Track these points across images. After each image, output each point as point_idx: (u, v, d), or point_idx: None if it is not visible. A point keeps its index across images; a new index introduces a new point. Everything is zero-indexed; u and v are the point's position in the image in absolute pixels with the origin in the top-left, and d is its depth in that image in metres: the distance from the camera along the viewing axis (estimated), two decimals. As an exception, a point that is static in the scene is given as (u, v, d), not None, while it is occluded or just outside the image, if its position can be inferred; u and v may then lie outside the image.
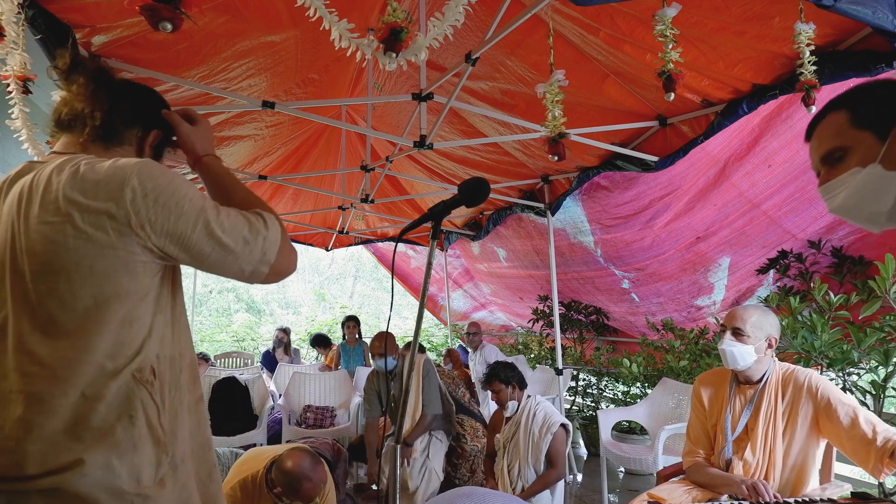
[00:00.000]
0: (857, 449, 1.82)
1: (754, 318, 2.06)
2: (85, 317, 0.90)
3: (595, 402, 5.92)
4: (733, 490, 1.92)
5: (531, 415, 3.00)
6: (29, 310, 0.89)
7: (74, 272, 0.89)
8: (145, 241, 0.93)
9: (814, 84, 2.18)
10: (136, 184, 0.92)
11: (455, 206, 1.17)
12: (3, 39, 1.73)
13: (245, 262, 1.01)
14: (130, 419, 0.92)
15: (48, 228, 0.89)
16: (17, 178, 0.97)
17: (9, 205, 0.94)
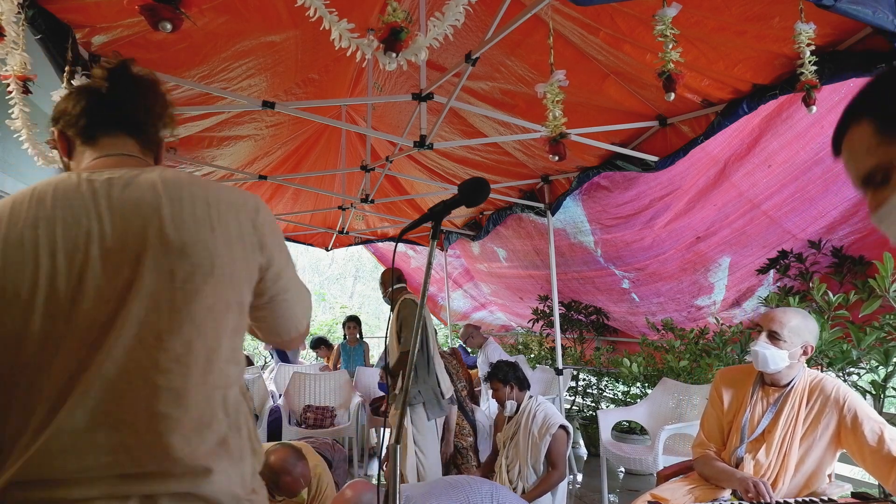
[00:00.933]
0: (878, 465, 1.79)
1: (794, 322, 2.00)
2: (215, 320, 0.93)
3: (595, 402, 5.92)
4: (736, 486, 1.92)
5: (531, 415, 2.99)
6: (169, 306, 0.89)
7: (220, 276, 0.93)
8: (263, 263, 1.01)
9: (814, 84, 2.18)
10: (266, 212, 1.04)
11: (455, 206, 1.16)
12: (3, 39, 1.73)
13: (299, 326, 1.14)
14: (238, 430, 0.95)
15: (205, 233, 0.93)
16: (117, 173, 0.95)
17: (141, 200, 0.92)
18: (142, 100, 1.03)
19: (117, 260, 0.88)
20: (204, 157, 4.26)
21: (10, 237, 0.86)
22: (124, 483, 0.85)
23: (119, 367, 0.86)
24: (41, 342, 0.85)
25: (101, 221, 0.89)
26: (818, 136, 2.95)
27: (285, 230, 7.21)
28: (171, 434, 0.87)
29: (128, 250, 0.88)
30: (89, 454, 0.84)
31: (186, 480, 0.87)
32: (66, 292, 0.86)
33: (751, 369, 2.16)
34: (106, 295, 0.87)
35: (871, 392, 2.76)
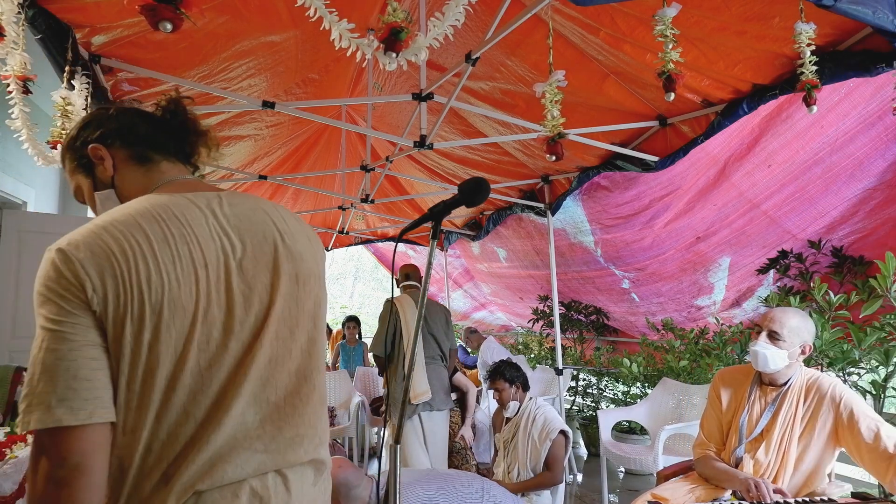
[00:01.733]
0: (875, 462, 1.80)
1: (793, 322, 2.01)
2: (320, 315, 1.12)
3: (595, 402, 5.92)
4: (737, 486, 1.92)
5: (531, 419, 2.97)
6: (296, 304, 1.05)
7: (319, 277, 1.13)
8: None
9: (814, 84, 2.18)
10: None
11: (455, 206, 1.16)
12: (3, 39, 1.73)
13: None
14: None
15: (306, 242, 1.11)
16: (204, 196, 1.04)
17: (252, 215, 1.05)
18: (193, 132, 1.20)
19: (254, 269, 1.00)
20: (204, 157, 4.25)
21: (161, 250, 0.90)
22: (269, 457, 0.98)
23: (267, 357, 0.99)
24: (202, 347, 0.93)
25: (230, 237, 0.99)
26: (818, 136, 2.95)
27: (285, 230, 7.21)
28: (305, 407, 1.04)
29: (263, 259, 1.01)
30: (244, 438, 0.96)
31: (314, 448, 1.05)
32: (218, 299, 0.95)
33: (749, 369, 2.16)
34: (252, 300, 0.99)
35: (871, 392, 2.76)
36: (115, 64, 2.63)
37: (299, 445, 1.02)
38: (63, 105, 2.17)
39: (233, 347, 0.96)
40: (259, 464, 0.96)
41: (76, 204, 5.73)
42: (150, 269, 0.88)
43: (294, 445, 1.01)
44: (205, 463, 0.91)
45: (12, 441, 2.54)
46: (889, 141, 2.81)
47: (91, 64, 2.53)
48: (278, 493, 0.97)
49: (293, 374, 1.03)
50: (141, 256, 0.87)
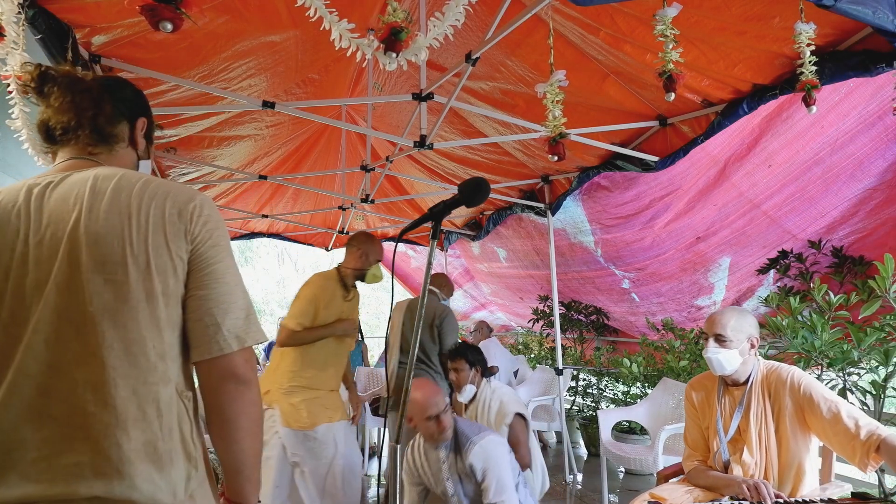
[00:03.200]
0: (842, 443, 1.83)
1: (733, 321, 2.06)
2: (133, 310, 0.95)
3: (595, 402, 5.92)
4: (735, 491, 1.92)
5: (486, 405, 2.93)
6: (82, 298, 0.92)
7: (135, 266, 0.96)
8: (191, 252, 1.03)
9: (814, 84, 2.18)
10: (201, 202, 1.03)
11: (455, 206, 1.16)
12: (3, 39, 1.73)
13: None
14: (169, 432, 0.94)
15: (120, 222, 0.95)
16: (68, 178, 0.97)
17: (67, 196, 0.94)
18: (62, 100, 1.02)
19: (38, 255, 0.90)
20: (204, 157, 4.25)
21: None
22: (44, 484, 0.84)
23: (41, 361, 0.87)
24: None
25: (28, 220, 0.92)
26: (818, 136, 2.94)
27: (285, 230, 7.21)
28: (90, 429, 0.86)
29: (49, 245, 0.90)
30: (15, 451, 0.84)
31: (100, 483, 0.85)
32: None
33: (714, 375, 2.19)
34: (28, 289, 0.89)
35: (871, 392, 2.76)
36: (116, 64, 2.63)
37: (79, 477, 0.85)
38: (63, 105, 2.17)
39: (6, 345, 0.87)
40: (24, 495, 0.82)
41: (76, 204, 5.72)
42: None
43: (74, 476, 0.84)
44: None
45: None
46: (889, 141, 2.81)
47: (91, 64, 2.53)
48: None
49: (77, 384, 0.87)
50: None
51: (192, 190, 1.02)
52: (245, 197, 5.89)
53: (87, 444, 0.86)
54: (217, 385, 0.97)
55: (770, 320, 3.02)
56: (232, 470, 1.01)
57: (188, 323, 0.97)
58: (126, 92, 1.13)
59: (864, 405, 2.81)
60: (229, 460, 1.00)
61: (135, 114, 1.13)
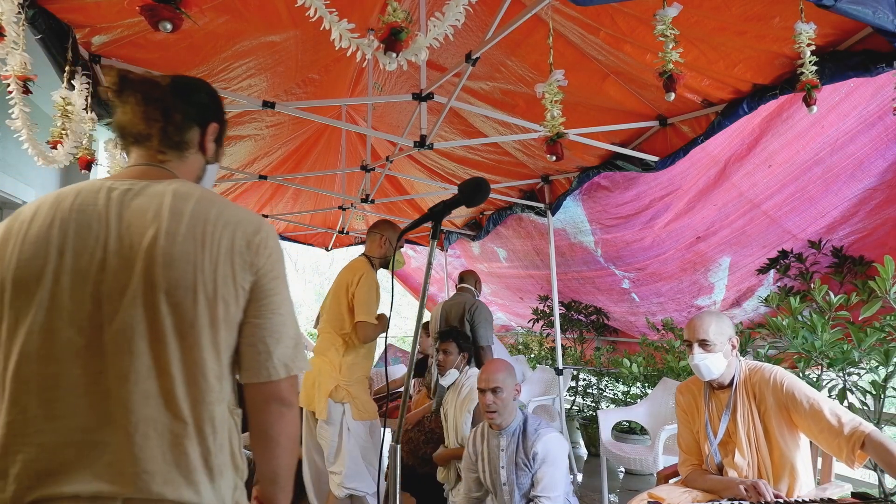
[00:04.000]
0: (828, 440, 1.84)
1: (713, 325, 2.07)
2: (198, 335, 1.00)
3: (595, 402, 5.92)
4: (734, 492, 1.92)
5: (458, 390, 2.94)
6: (154, 317, 0.96)
7: (203, 291, 1.01)
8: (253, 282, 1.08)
9: (815, 84, 2.17)
10: (266, 233, 1.10)
11: (455, 206, 1.17)
12: (3, 39, 1.73)
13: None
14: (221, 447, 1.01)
15: (194, 248, 1.00)
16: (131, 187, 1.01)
17: (146, 210, 0.98)
18: (130, 106, 1.05)
19: (116, 264, 0.94)
20: (204, 157, 4.25)
21: (30, 233, 0.94)
22: (117, 486, 0.90)
23: (118, 369, 0.92)
24: (40, 333, 0.92)
25: (108, 227, 0.95)
26: (818, 136, 2.94)
27: (285, 230, 7.21)
28: (159, 439, 0.92)
29: (127, 256, 0.94)
30: (93, 451, 0.90)
31: (169, 488, 0.91)
32: (70, 290, 0.92)
33: (699, 379, 2.19)
34: (104, 297, 0.93)
35: (871, 392, 2.76)
36: (116, 64, 2.63)
37: (149, 483, 0.90)
38: (63, 105, 2.18)
39: (78, 345, 0.92)
40: (97, 492, 0.89)
41: (76, 204, 5.72)
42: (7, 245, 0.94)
43: (145, 482, 0.90)
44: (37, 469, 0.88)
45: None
46: (889, 141, 2.81)
47: (91, 64, 2.53)
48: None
49: (143, 395, 0.92)
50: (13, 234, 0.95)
51: (259, 219, 1.07)
52: (245, 197, 5.89)
53: (151, 452, 0.91)
54: (262, 406, 1.04)
55: (770, 320, 3.02)
56: (269, 480, 1.09)
57: (242, 346, 1.03)
58: (200, 96, 1.14)
59: (864, 405, 2.81)
60: (268, 472, 1.08)
61: (206, 119, 1.14)
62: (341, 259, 19.49)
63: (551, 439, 2.29)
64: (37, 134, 2.22)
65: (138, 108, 1.06)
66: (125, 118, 1.06)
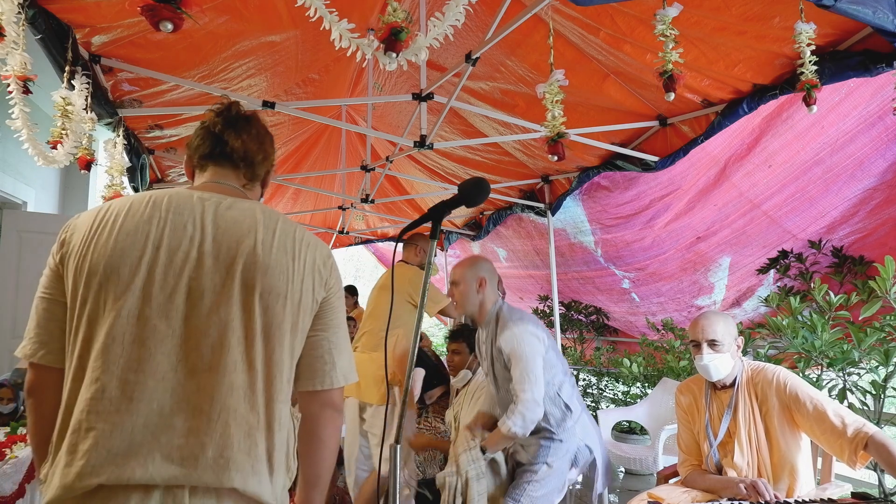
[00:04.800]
0: (830, 441, 1.84)
1: (721, 325, 2.06)
2: (281, 337, 1.08)
3: (595, 402, 5.92)
4: (733, 492, 1.92)
5: (472, 395, 2.90)
6: (247, 317, 1.04)
7: (291, 299, 1.11)
8: (325, 297, 1.20)
9: (814, 84, 2.17)
10: (333, 257, 1.22)
11: (455, 206, 1.17)
12: (3, 39, 1.73)
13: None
14: (282, 445, 1.08)
15: (287, 260, 1.11)
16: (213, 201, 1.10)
17: (241, 220, 1.08)
18: (241, 138, 1.19)
19: (213, 265, 1.02)
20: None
21: (125, 226, 1.01)
22: (187, 469, 0.94)
23: (205, 360, 0.98)
24: (128, 318, 0.97)
25: (204, 231, 1.04)
26: (818, 136, 2.95)
27: (285, 230, 7.21)
28: (236, 428, 0.98)
29: (224, 260, 1.03)
30: (164, 435, 0.95)
31: (239, 476, 0.97)
32: (162, 282, 1.00)
33: (700, 377, 2.19)
34: (197, 292, 1.01)
35: (871, 392, 2.76)
36: (115, 64, 2.63)
37: (224, 469, 0.95)
38: (63, 105, 2.17)
39: (164, 333, 0.98)
40: (171, 478, 0.92)
41: (76, 204, 5.74)
42: (95, 238, 1.01)
43: (216, 467, 0.95)
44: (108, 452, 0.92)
45: (12, 441, 2.54)
46: (889, 141, 2.81)
47: (91, 64, 2.53)
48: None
49: (226, 387, 0.98)
50: (105, 227, 1.02)
51: (326, 245, 1.21)
52: (245, 197, 5.88)
53: (230, 440, 0.97)
54: (319, 411, 1.15)
55: (770, 320, 3.02)
56: (310, 482, 1.16)
57: (306, 357, 1.12)
58: (272, 141, 1.29)
59: (864, 405, 2.81)
60: (311, 473, 1.16)
61: (272, 162, 1.29)
62: (341, 259, 19.49)
63: (512, 336, 2.24)
64: (37, 134, 2.21)
65: (261, 139, 1.22)
66: (237, 143, 1.18)
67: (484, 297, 2.40)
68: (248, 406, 0.99)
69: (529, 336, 2.24)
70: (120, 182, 2.96)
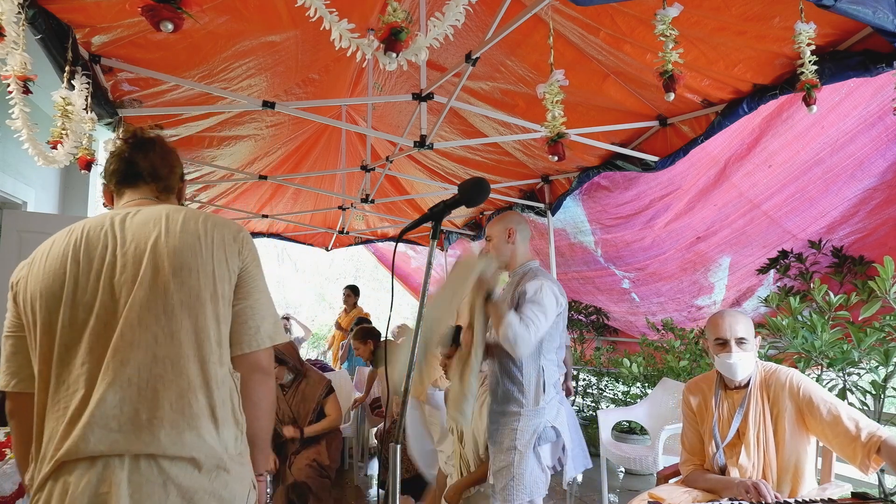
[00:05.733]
0: (843, 445, 1.83)
1: (746, 322, 2.03)
2: (201, 306, 1.22)
3: (595, 402, 5.92)
4: (734, 493, 1.92)
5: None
6: (164, 293, 1.18)
7: (202, 272, 1.24)
8: (241, 266, 1.34)
9: (814, 84, 2.17)
10: (246, 233, 1.35)
11: (455, 206, 1.17)
12: (3, 39, 1.73)
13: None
14: (223, 401, 1.21)
15: (193, 241, 1.24)
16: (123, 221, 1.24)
17: (147, 220, 1.23)
18: (148, 158, 1.34)
19: (125, 261, 1.17)
20: (204, 157, 4.26)
21: (52, 253, 1.20)
22: (123, 437, 1.09)
23: (127, 341, 1.12)
24: (68, 326, 1.13)
25: (115, 237, 1.19)
26: (818, 136, 2.95)
27: (285, 230, 7.22)
28: (166, 392, 1.12)
29: (134, 255, 1.18)
30: (107, 417, 1.08)
31: (174, 432, 1.10)
32: (87, 287, 1.15)
33: (711, 376, 2.18)
34: (117, 286, 1.16)
35: (871, 392, 2.76)
36: (115, 64, 2.63)
37: (158, 429, 1.09)
38: (63, 105, 2.17)
39: (94, 327, 1.13)
40: (112, 443, 1.07)
41: (76, 204, 5.73)
42: (33, 267, 1.20)
43: (151, 429, 1.09)
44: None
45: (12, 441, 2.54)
46: (889, 141, 2.81)
47: (91, 64, 2.53)
48: (137, 474, 1.07)
49: (157, 359, 1.12)
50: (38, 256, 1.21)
51: (238, 224, 1.34)
52: (245, 197, 5.89)
53: (161, 402, 1.11)
54: (248, 374, 1.27)
55: (770, 320, 3.02)
56: (251, 442, 1.27)
57: (233, 325, 1.25)
58: (177, 156, 1.43)
59: (864, 405, 2.81)
60: (250, 433, 1.27)
61: (182, 176, 1.45)
62: (341, 259, 19.50)
63: (540, 285, 2.31)
64: (37, 134, 2.21)
65: (165, 155, 1.37)
66: (145, 163, 1.33)
67: (514, 247, 2.47)
68: (174, 372, 1.13)
69: (552, 294, 2.31)
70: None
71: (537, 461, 2.29)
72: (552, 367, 2.40)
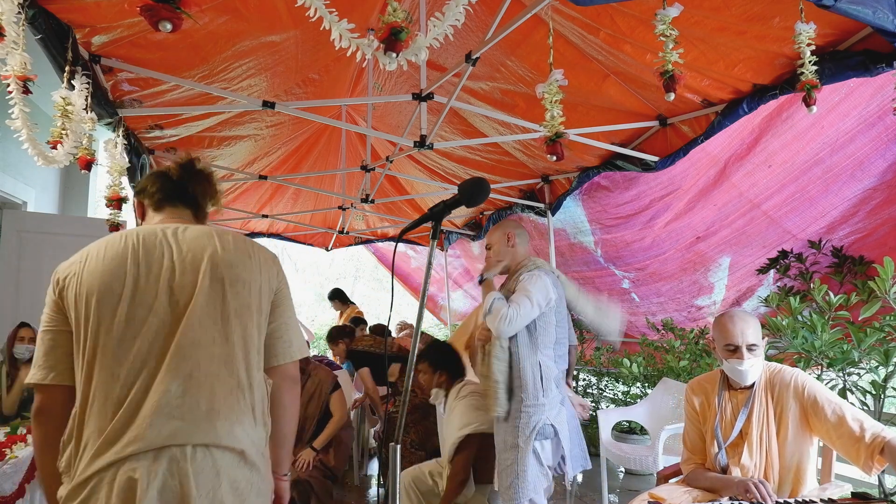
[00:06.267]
0: (846, 446, 1.82)
1: (755, 326, 2.00)
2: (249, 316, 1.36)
3: (595, 402, 5.92)
4: (734, 492, 1.92)
5: (448, 417, 2.80)
6: (221, 301, 1.30)
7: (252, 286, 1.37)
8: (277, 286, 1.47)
9: (814, 84, 2.17)
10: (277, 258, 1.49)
11: (455, 206, 1.17)
12: (3, 39, 1.72)
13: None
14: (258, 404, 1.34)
15: (244, 258, 1.38)
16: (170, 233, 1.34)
17: (199, 235, 1.34)
18: (199, 185, 1.47)
19: (183, 267, 1.27)
20: (204, 157, 4.25)
21: (108, 254, 1.26)
22: (185, 425, 1.18)
23: (189, 339, 1.21)
24: (124, 322, 1.20)
25: (171, 248, 1.29)
26: (818, 136, 2.94)
27: (285, 230, 7.23)
28: (219, 387, 1.22)
29: (192, 262, 1.28)
30: (171, 406, 1.17)
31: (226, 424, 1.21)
32: (146, 287, 1.24)
33: (714, 375, 2.17)
34: (176, 289, 1.25)
35: (871, 392, 2.76)
36: (115, 64, 2.63)
37: (216, 419, 1.19)
38: (63, 105, 2.17)
39: (155, 325, 1.21)
40: (175, 430, 1.15)
41: (76, 204, 5.74)
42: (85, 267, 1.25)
43: (210, 418, 1.18)
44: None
45: (12, 441, 2.54)
46: (889, 141, 2.81)
47: (91, 64, 2.53)
48: (195, 464, 1.15)
49: (213, 357, 1.22)
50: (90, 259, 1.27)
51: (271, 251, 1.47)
52: (245, 197, 5.89)
53: (216, 396, 1.21)
54: (281, 382, 1.41)
55: (770, 320, 3.02)
56: (278, 442, 1.40)
57: (269, 339, 1.38)
58: (220, 190, 1.54)
59: (864, 405, 2.81)
60: (278, 434, 1.39)
61: (216, 201, 1.55)
62: (341, 259, 19.50)
63: (532, 276, 2.40)
64: (37, 134, 2.21)
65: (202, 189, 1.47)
66: (195, 190, 1.45)
67: (515, 250, 2.56)
68: (227, 371, 1.23)
69: (541, 283, 2.38)
70: (119, 182, 2.96)
71: (536, 458, 2.29)
72: (550, 362, 2.41)
